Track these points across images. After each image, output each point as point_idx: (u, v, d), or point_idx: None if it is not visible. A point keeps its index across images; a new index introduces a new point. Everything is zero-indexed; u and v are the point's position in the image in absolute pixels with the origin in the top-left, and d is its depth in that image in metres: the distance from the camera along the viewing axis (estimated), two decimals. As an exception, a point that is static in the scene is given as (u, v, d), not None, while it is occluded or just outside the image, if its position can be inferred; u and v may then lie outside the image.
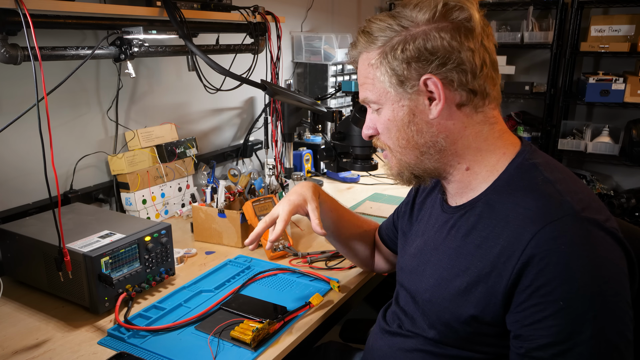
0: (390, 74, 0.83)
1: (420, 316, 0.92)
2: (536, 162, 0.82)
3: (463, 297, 0.81)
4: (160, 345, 1.01)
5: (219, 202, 1.53)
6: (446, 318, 0.84)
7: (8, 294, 1.21)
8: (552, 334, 0.70)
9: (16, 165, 1.40)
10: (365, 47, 0.86)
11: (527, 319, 0.72)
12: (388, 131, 0.88)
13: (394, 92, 0.84)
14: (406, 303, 0.97)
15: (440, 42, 0.78)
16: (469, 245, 0.83)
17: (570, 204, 0.73)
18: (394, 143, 0.88)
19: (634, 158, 3.01)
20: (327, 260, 1.40)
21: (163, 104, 1.83)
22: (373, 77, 0.85)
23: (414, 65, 0.80)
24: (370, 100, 0.88)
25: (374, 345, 1.03)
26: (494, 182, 0.84)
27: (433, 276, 0.89)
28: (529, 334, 0.72)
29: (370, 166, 1.87)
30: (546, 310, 0.70)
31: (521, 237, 0.74)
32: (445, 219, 0.91)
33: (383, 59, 0.83)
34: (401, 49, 0.80)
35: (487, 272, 0.78)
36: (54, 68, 1.39)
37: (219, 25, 1.75)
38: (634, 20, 3.01)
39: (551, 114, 3.36)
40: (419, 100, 0.82)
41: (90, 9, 1.24)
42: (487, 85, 0.82)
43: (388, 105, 0.86)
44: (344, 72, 2.57)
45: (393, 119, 0.86)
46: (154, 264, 1.23)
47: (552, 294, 0.69)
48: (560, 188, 0.77)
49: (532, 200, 0.76)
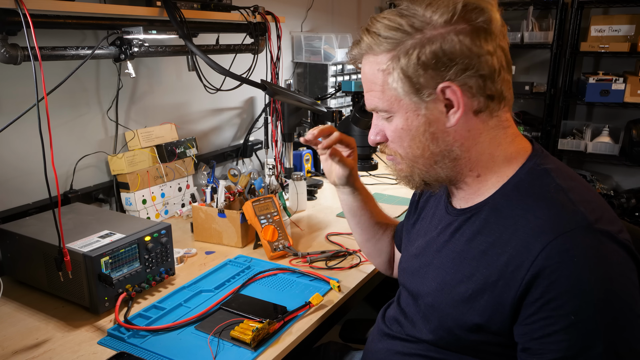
0: (404, 81, 0.77)
1: (421, 320, 0.89)
2: (548, 167, 0.79)
3: (467, 304, 0.78)
4: (160, 345, 1.01)
5: (219, 202, 1.53)
6: (449, 324, 0.82)
7: (8, 294, 1.21)
8: (563, 349, 0.68)
9: (16, 165, 1.40)
10: (371, 48, 0.79)
11: (536, 332, 0.70)
12: (400, 140, 0.82)
13: (409, 100, 0.78)
14: (407, 305, 0.95)
15: (460, 46, 0.73)
16: (474, 250, 0.80)
17: (583, 215, 0.70)
18: (405, 152, 0.83)
19: (634, 158, 3.01)
20: (327, 260, 1.40)
21: (163, 104, 1.83)
22: (383, 83, 0.79)
23: (430, 72, 0.75)
24: (380, 109, 0.82)
25: (372, 348, 1.01)
26: (502, 187, 0.81)
27: (435, 280, 0.86)
28: (538, 348, 0.70)
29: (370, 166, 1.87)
30: (557, 324, 0.68)
31: (531, 247, 0.71)
32: (449, 221, 0.88)
33: (395, 64, 0.76)
34: (417, 54, 0.74)
35: (493, 280, 0.75)
36: (54, 68, 1.39)
37: (219, 25, 1.75)
38: (634, 20, 3.01)
39: (551, 114, 3.36)
40: (436, 108, 0.77)
41: (90, 9, 1.24)
42: (503, 89, 0.78)
43: (401, 113, 0.80)
44: (344, 72, 2.57)
45: (407, 128, 0.80)
46: (154, 263, 1.23)
47: (563, 307, 0.67)
48: (573, 197, 0.73)
49: (543, 209, 0.73)
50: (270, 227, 1.44)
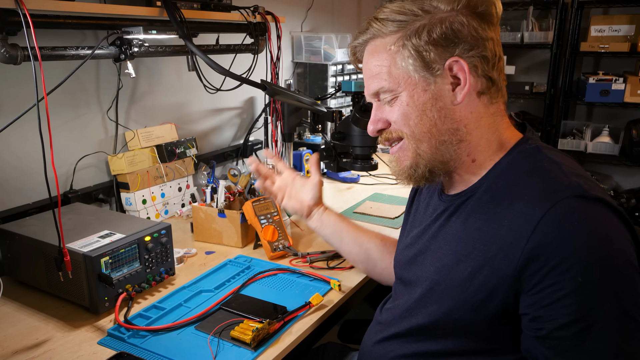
0: (414, 57, 0.80)
1: (416, 308, 0.88)
2: (539, 145, 0.83)
3: (467, 282, 0.79)
4: (160, 345, 1.01)
5: (219, 202, 1.53)
6: (448, 305, 0.82)
7: (8, 294, 1.21)
8: (572, 312, 0.69)
9: (16, 165, 1.40)
10: (378, 32, 0.83)
11: (545, 300, 0.71)
12: (406, 118, 0.83)
13: (417, 76, 0.81)
14: (402, 295, 0.95)
15: (467, 28, 0.78)
16: (469, 229, 0.81)
17: (577, 184, 0.73)
18: (412, 130, 0.83)
19: (634, 158, 3.01)
20: (328, 260, 1.40)
21: (163, 104, 1.83)
22: (390, 63, 0.82)
23: (440, 48, 0.79)
24: (386, 88, 0.84)
25: (369, 350, 0.99)
26: (494, 166, 0.83)
27: (434, 264, 0.87)
28: (548, 314, 0.71)
29: (370, 166, 1.87)
30: (564, 288, 0.69)
31: (529, 217, 0.72)
32: (443, 207, 0.89)
33: (406, 42, 0.80)
34: (427, 32, 0.79)
35: (492, 254, 0.76)
36: (54, 68, 1.39)
37: (219, 25, 1.75)
38: (634, 20, 3.01)
39: (551, 114, 3.36)
40: (443, 84, 0.80)
41: (90, 9, 1.24)
42: (500, 78, 0.83)
43: (407, 91, 0.82)
44: (344, 72, 2.57)
45: (413, 104, 0.82)
46: (154, 264, 1.23)
47: (569, 271, 0.69)
48: (565, 170, 0.77)
49: (538, 181, 0.76)
50: (270, 227, 1.44)
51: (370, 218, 1.73)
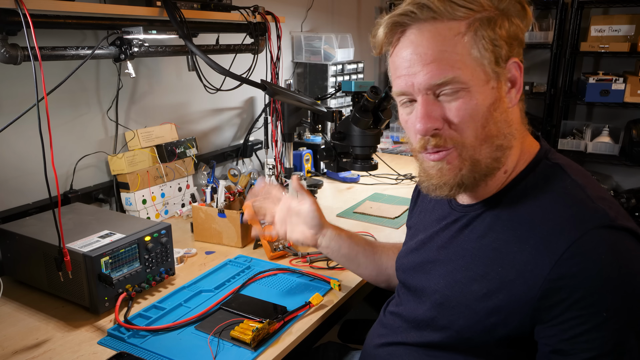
0: (491, 50, 0.72)
1: (426, 319, 0.86)
2: (560, 163, 0.79)
3: (481, 303, 0.76)
4: (160, 345, 1.01)
5: (219, 202, 1.53)
6: (460, 324, 0.79)
7: (8, 294, 1.21)
8: (597, 347, 0.67)
9: (16, 165, 1.40)
10: (443, 14, 0.72)
11: (566, 333, 0.68)
12: (472, 120, 0.73)
13: (491, 71, 0.73)
14: (407, 301, 0.93)
15: (519, 29, 0.76)
16: (486, 247, 0.78)
17: (604, 212, 0.70)
18: (475, 135, 0.74)
19: (634, 158, 3.01)
20: (327, 260, 1.40)
21: (163, 104, 1.83)
22: (462, 51, 0.72)
23: (506, 45, 0.74)
24: (459, 80, 0.72)
25: (372, 352, 0.98)
26: (512, 181, 0.79)
27: (444, 277, 0.83)
28: (570, 348, 0.68)
29: (370, 166, 1.87)
30: (588, 322, 0.67)
31: (554, 245, 0.69)
32: (455, 217, 0.86)
33: (481, 32, 0.72)
34: (498, 24, 0.73)
35: (510, 279, 0.73)
36: (54, 68, 1.39)
37: (219, 25, 1.75)
38: (634, 20, 3.01)
39: (551, 114, 3.36)
40: (504, 84, 0.75)
41: (90, 9, 1.24)
42: None
43: (479, 86, 0.73)
44: (344, 72, 2.57)
45: (482, 102, 0.73)
46: (154, 263, 1.23)
47: (593, 305, 0.66)
48: (590, 193, 0.73)
49: (563, 207, 0.72)
50: (270, 227, 1.44)
51: (370, 218, 1.73)
